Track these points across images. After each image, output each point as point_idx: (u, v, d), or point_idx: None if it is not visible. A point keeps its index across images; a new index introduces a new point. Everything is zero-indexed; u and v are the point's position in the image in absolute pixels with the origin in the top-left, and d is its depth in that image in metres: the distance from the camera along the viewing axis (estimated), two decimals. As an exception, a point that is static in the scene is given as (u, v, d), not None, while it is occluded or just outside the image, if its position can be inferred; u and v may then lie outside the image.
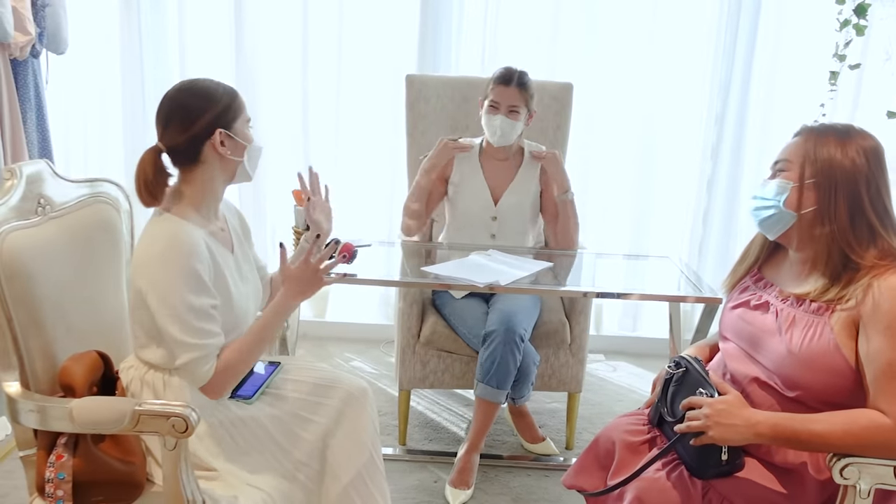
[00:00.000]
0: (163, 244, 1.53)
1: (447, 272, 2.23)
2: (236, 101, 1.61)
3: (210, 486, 1.51)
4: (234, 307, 1.64)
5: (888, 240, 1.44)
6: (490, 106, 2.52)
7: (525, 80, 2.52)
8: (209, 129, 1.57)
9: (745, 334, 1.57)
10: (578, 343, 2.61)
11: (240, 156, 1.62)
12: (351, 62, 3.42)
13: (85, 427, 1.43)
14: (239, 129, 1.61)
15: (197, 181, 1.61)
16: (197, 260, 1.52)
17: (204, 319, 1.53)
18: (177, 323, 1.50)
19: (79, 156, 3.55)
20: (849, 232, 1.44)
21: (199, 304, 1.52)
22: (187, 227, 1.56)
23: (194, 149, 1.58)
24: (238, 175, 1.65)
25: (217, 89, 1.60)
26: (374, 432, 1.77)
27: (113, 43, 3.39)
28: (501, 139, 2.53)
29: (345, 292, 3.66)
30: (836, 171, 1.45)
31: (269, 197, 3.52)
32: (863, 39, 3.03)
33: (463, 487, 2.41)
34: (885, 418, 1.33)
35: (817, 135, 1.49)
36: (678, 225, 3.55)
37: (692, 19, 3.32)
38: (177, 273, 1.50)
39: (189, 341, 1.51)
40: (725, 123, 3.40)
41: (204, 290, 1.53)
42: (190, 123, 1.56)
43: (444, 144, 2.55)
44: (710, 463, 1.46)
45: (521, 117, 2.53)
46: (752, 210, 1.57)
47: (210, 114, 1.57)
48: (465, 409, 2.99)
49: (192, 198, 1.61)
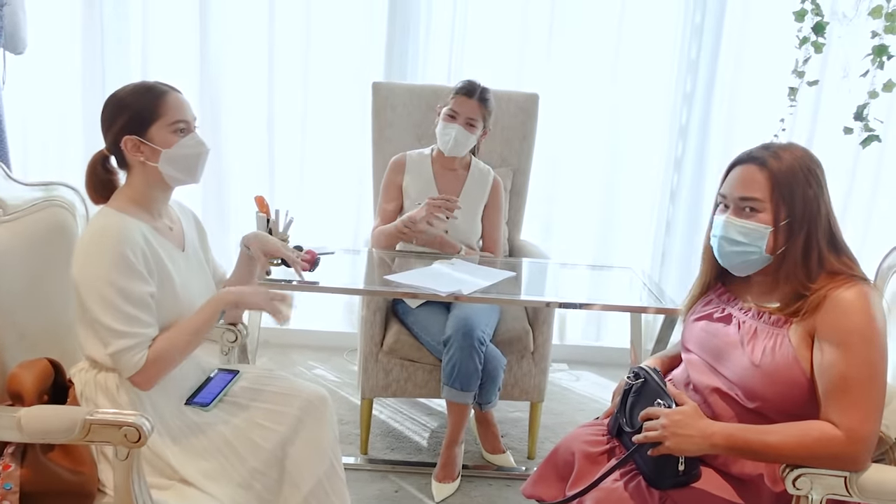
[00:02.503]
0: (93, 232, 1.55)
1: (410, 281, 2.23)
2: (154, 106, 1.59)
3: (163, 496, 1.48)
4: (180, 300, 1.63)
5: (836, 261, 1.46)
6: (448, 115, 2.53)
7: (487, 96, 2.55)
8: (119, 137, 1.59)
9: (708, 346, 1.59)
10: (541, 352, 2.62)
11: (156, 161, 1.61)
12: (318, 68, 3.40)
13: (34, 437, 1.40)
14: (155, 134, 1.60)
15: (133, 182, 1.64)
16: (127, 246, 1.52)
17: (133, 305, 1.51)
18: (107, 308, 1.49)
19: (37, 159, 3.48)
20: (800, 266, 1.46)
21: (129, 290, 1.51)
22: (121, 218, 1.57)
23: (118, 154, 1.62)
24: (167, 178, 1.63)
25: (130, 96, 1.60)
26: (334, 440, 1.76)
27: (74, 44, 3.33)
28: (454, 149, 2.55)
29: (309, 300, 3.63)
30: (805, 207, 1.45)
31: (233, 202, 3.48)
32: (821, 57, 3.09)
33: (447, 480, 2.46)
34: (837, 430, 1.35)
35: (778, 171, 1.45)
36: (642, 235, 3.59)
37: (657, 32, 3.37)
38: (106, 258, 1.50)
39: (119, 328, 1.49)
40: (689, 135, 3.45)
41: (135, 276, 1.52)
42: (107, 130, 1.62)
43: (431, 211, 2.44)
44: (667, 473, 1.47)
45: (477, 131, 2.55)
46: (727, 252, 1.52)
47: (120, 121, 1.59)
48: (428, 418, 2.98)
49: (132, 196, 1.63)
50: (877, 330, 1.38)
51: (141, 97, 1.60)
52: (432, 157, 2.66)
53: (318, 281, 2.24)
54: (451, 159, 2.61)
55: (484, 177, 2.69)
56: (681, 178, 3.51)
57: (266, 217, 2.26)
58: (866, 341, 1.37)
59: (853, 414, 1.35)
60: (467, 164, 2.68)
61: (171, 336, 1.58)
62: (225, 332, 1.99)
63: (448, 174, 2.66)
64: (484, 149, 2.82)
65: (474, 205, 2.67)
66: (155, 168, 1.61)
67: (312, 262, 2.20)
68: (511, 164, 3.02)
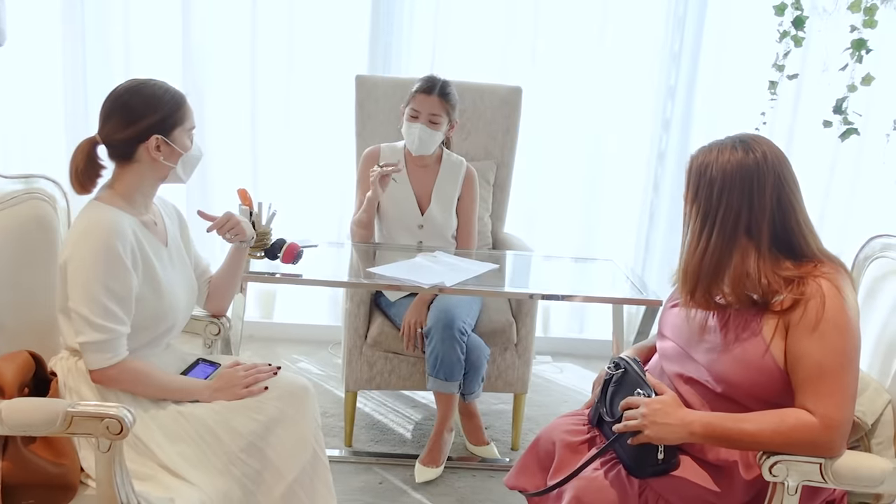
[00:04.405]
0: (85, 223, 1.57)
1: (393, 273, 2.23)
2: (181, 110, 1.65)
3: (145, 487, 1.48)
4: (164, 295, 1.66)
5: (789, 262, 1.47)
6: (410, 115, 2.53)
7: (448, 90, 2.54)
8: (146, 134, 1.61)
9: (681, 332, 1.60)
10: (524, 344, 2.63)
11: (173, 162, 1.66)
12: (301, 62, 3.39)
13: (15, 429, 1.39)
14: (177, 137, 1.65)
15: (128, 177, 1.65)
16: (117, 238, 1.54)
17: (113, 300, 1.53)
18: (87, 299, 1.51)
19: (17, 152, 3.45)
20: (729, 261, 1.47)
21: (113, 284, 1.53)
22: (113, 212, 1.59)
23: (129, 148, 1.62)
24: (171, 177, 1.70)
25: (163, 96, 1.63)
26: (317, 429, 1.77)
27: (54, 36, 3.30)
28: (420, 148, 2.55)
29: (293, 293, 3.63)
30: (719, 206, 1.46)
31: (216, 195, 3.46)
32: (801, 51, 3.11)
33: (431, 465, 2.49)
34: (812, 417, 1.38)
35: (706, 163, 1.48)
36: (625, 227, 3.61)
37: (640, 26, 3.38)
38: (94, 249, 1.52)
39: (94, 321, 1.52)
40: (672, 128, 3.48)
41: (121, 271, 1.54)
42: (129, 124, 1.60)
43: (379, 179, 2.47)
44: (646, 462, 1.49)
45: (442, 127, 2.55)
46: None
47: (150, 119, 1.61)
48: (412, 410, 2.99)
49: (122, 191, 1.65)
50: (849, 318, 1.40)
51: (171, 98, 1.64)
52: (405, 151, 2.66)
53: (301, 274, 2.24)
54: (422, 156, 2.61)
55: (456, 169, 2.68)
56: (664, 171, 3.53)
57: (249, 210, 2.26)
58: (839, 330, 1.39)
59: (828, 401, 1.37)
60: (438, 158, 2.68)
61: (151, 372, 1.62)
62: (208, 325, 1.97)
63: (420, 170, 2.65)
64: (466, 142, 2.82)
65: (448, 198, 2.67)
66: (166, 167, 1.65)
67: (295, 255, 2.19)
68: (494, 157, 3.03)
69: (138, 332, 1.61)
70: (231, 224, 1.87)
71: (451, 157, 2.70)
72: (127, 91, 1.62)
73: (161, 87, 1.64)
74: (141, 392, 1.62)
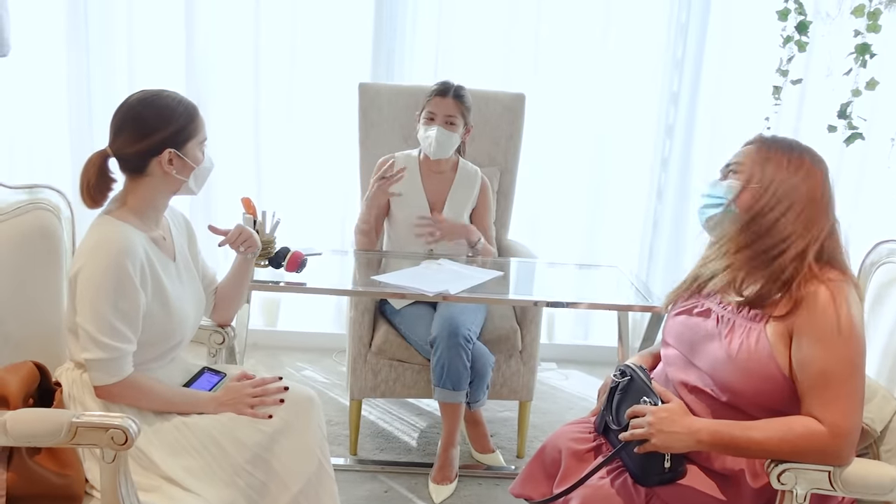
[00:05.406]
0: (97, 238, 1.55)
1: (397, 281, 2.23)
2: (193, 123, 1.63)
3: (150, 498, 1.48)
4: (173, 312, 1.64)
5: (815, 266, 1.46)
6: (427, 118, 2.53)
7: (462, 93, 2.55)
8: (159, 148, 1.58)
9: (685, 339, 1.60)
10: (529, 351, 2.63)
11: (186, 176, 1.64)
12: (304, 69, 3.40)
13: (20, 440, 1.39)
14: (190, 150, 1.63)
15: (140, 191, 1.63)
16: (127, 257, 1.52)
17: (121, 319, 1.52)
18: (94, 317, 1.50)
19: (23, 162, 3.46)
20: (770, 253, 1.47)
21: (121, 303, 1.51)
22: (125, 228, 1.57)
23: (141, 161, 1.59)
24: (182, 190, 1.67)
25: (176, 108, 1.60)
26: (322, 439, 1.76)
27: (58, 45, 3.31)
28: (438, 151, 2.54)
29: (297, 301, 3.62)
30: (780, 187, 1.48)
31: (220, 204, 3.47)
32: (805, 56, 3.11)
33: (445, 482, 2.46)
34: (820, 425, 1.37)
35: (770, 147, 1.54)
36: (629, 234, 3.60)
37: (643, 32, 3.38)
38: (104, 266, 1.50)
39: (100, 339, 1.50)
40: (675, 134, 3.47)
41: (130, 290, 1.52)
42: (141, 137, 1.57)
43: (378, 186, 2.50)
44: (653, 470, 1.48)
45: (458, 129, 2.55)
46: (700, 208, 1.59)
47: (163, 133, 1.58)
48: (417, 418, 2.99)
49: (134, 205, 1.62)
50: (854, 325, 1.39)
51: (185, 110, 1.61)
52: (419, 160, 2.66)
53: (305, 282, 2.24)
54: (438, 161, 2.61)
55: (472, 178, 2.69)
56: (667, 177, 3.52)
57: (253, 218, 2.26)
58: (844, 337, 1.38)
59: (835, 409, 1.36)
60: (454, 166, 2.68)
61: (155, 387, 1.61)
62: (213, 334, 1.97)
63: (435, 176, 2.65)
64: (470, 149, 2.82)
65: (461, 206, 2.67)
66: (178, 181, 1.63)
67: (299, 264, 2.19)
68: (498, 163, 3.02)
69: (146, 347, 1.60)
70: (244, 237, 1.87)
71: (468, 167, 2.70)
72: (140, 102, 1.58)
73: (174, 99, 1.61)
74: (146, 406, 1.61)
